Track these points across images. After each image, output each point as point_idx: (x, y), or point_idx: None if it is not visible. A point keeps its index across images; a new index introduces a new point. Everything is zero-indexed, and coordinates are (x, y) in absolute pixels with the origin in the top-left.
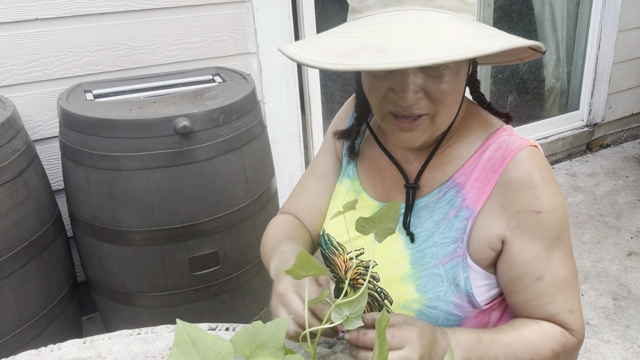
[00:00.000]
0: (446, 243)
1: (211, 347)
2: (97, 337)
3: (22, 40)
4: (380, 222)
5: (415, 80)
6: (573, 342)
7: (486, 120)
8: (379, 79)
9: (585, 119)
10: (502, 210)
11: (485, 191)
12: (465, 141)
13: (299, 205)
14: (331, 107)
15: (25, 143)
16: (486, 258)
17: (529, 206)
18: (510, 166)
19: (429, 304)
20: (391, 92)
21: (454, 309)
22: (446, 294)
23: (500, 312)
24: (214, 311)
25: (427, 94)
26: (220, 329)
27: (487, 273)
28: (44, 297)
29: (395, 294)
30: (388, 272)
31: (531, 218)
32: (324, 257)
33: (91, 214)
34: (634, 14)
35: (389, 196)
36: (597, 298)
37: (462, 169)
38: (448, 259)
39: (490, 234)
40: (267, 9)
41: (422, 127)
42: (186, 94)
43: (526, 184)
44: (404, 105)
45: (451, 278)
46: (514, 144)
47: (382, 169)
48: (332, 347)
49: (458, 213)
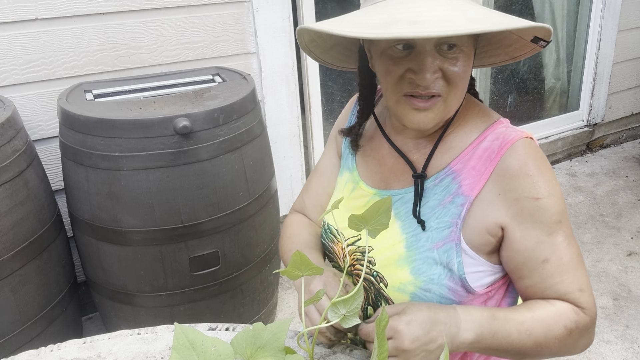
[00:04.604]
0: (441, 228)
1: (211, 350)
2: (97, 337)
3: (22, 40)
4: (372, 218)
5: (433, 61)
6: (585, 320)
7: (484, 112)
8: (395, 62)
9: (585, 119)
10: (501, 198)
11: (481, 179)
12: (464, 130)
13: (305, 204)
14: (331, 107)
15: (25, 143)
16: (485, 244)
17: (527, 193)
18: (506, 155)
19: (423, 287)
20: (410, 72)
21: (448, 292)
22: (440, 277)
23: (496, 302)
24: (214, 311)
25: (443, 75)
26: (220, 329)
27: (482, 260)
28: (44, 297)
29: (390, 277)
30: (384, 256)
31: (530, 205)
32: (324, 247)
33: (91, 214)
34: (634, 14)
35: (387, 183)
36: (597, 298)
37: (459, 157)
38: (442, 243)
39: (488, 220)
40: (267, 9)
41: (436, 109)
42: (186, 94)
43: (523, 172)
44: (422, 85)
45: (445, 262)
46: (511, 135)
47: (382, 158)
48: (332, 347)
49: (454, 199)
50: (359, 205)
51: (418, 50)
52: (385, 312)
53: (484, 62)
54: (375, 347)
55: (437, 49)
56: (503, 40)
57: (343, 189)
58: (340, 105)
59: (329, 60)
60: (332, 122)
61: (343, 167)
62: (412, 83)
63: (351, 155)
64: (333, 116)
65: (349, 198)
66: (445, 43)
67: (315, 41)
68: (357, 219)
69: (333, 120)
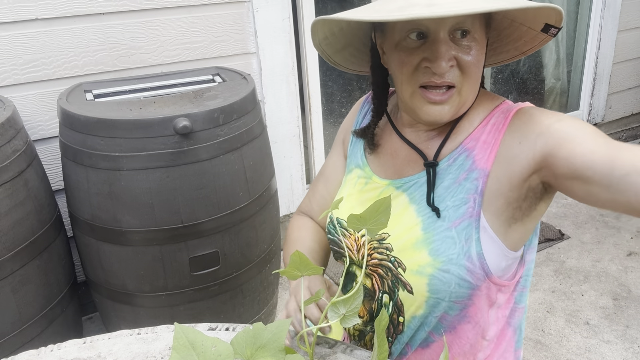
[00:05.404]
0: (457, 205)
1: (210, 350)
2: (97, 337)
3: (22, 40)
4: (371, 218)
5: (448, 50)
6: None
7: (492, 95)
8: (410, 53)
9: (585, 119)
10: (523, 145)
11: (493, 149)
12: (476, 111)
13: (312, 207)
14: (331, 107)
15: (25, 143)
16: (505, 205)
17: (547, 122)
18: (512, 120)
19: (442, 267)
20: (425, 61)
21: (466, 273)
22: (458, 257)
23: (506, 297)
24: (214, 311)
25: (458, 64)
26: (220, 329)
27: (499, 241)
28: (44, 297)
29: (408, 261)
30: (401, 241)
31: (557, 125)
32: (331, 243)
33: (91, 214)
34: (634, 14)
35: (400, 173)
36: (597, 298)
37: (471, 135)
38: (460, 220)
39: (512, 175)
40: (267, 9)
41: (451, 101)
42: (186, 94)
43: (534, 115)
44: (438, 73)
45: (463, 239)
46: (515, 106)
47: (394, 152)
48: (332, 347)
49: (468, 175)
50: (372, 197)
51: (432, 39)
52: (384, 313)
53: (494, 59)
54: (375, 347)
55: (450, 37)
56: (512, 34)
57: (355, 185)
58: (340, 105)
59: (340, 61)
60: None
61: (351, 164)
62: (427, 72)
63: (360, 152)
64: (333, 116)
65: (362, 191)
66: (459, 29)
67: (327, 39)
68: (356, 219)
69: (333, 120)
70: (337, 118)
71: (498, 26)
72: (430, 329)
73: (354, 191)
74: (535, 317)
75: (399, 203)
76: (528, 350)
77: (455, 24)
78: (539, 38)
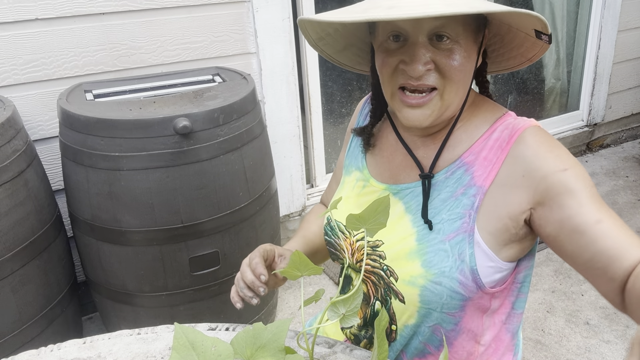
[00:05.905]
0: (453, 219)
1: (211, 350)
2: (97, 337)
3: (22, 40)
4: (370, 218)
5: (425, 53)
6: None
7: (493, 107)
8: (389, 54)
9: (585, 119)
10: (525, 179)
11: (493, 168)
12: (474, 124)
13: (327, 198)
14: (331, 107)
15: (25, 143)
16: (503, 230)
17: (554, 167)
18: (518, 141)
19: (434, 280)
20: (402, 64)
21: (458, 286)
22: (451, 270)
23: (500, 301)
24: (214, 311)
25: (436, 67)
26: (220, 329)
27: (493, 255)
28: (44, 297)
29: (400, 271)
30: (394, 250)
31: (561, 176)
32: (328, 244)
33: (91, 214)
34: (634, 14)
35: (396, 179)
36: (597, 298)
37: (470, 149)
38: (454, 235)
39: (510, 204)
40: (267, 9)
41: (432, 105)
42: (186, 94)
43: (542, 151)
44: (414, 76)
45: (457, 254)
46: (520, 124)
47: (390, 155)
48: (332, 347)
49: (466, 190)
50: (369, 201)
51: (410, 42)
52: (385, 313)
53: (503, 65)
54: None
55: (429, 40)
56: (514, 40)
57: (353, 187)
58: (340, 105)
59: (344, 61)
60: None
61: (351, 165)
62: (404, 74)
63: (361, 154)
64: (333, 116)
65: (360, 195)
66: (436, 34)
67: (324, 39)
68: (355, 218)
69: (333, 120)
70: (337, 118)
71: (499, 32)
72: (425, 340)
73: (352, 194)
74: (535, 317)
75: (395, 211)
76: (528, 350)
77: (433, 27)
78: (539, 44)
